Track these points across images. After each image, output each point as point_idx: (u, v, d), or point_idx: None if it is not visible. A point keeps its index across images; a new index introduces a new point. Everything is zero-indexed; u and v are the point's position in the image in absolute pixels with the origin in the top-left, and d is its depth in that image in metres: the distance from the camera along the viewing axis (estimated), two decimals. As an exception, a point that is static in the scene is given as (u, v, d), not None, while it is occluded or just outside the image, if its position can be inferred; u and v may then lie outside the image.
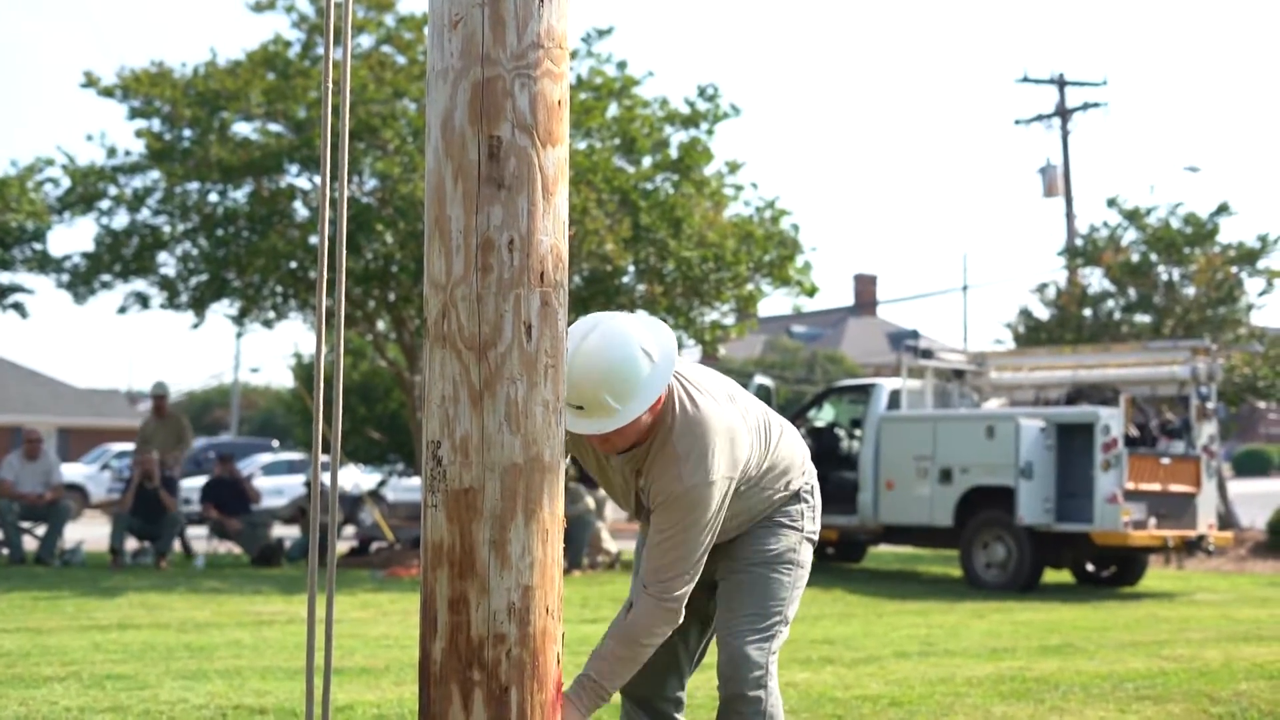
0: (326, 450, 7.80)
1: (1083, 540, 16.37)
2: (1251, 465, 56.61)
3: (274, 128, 19.30)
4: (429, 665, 3.18)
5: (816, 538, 4.48)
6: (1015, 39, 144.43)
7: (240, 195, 19.43)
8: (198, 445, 42.85)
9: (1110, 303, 27.85)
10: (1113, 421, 16.05)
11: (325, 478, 19.49)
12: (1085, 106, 34.07)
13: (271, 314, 21.32)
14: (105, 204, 19.80)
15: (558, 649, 3.20)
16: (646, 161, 19.71)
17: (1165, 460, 16.57)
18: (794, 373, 62.99)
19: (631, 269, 19.10)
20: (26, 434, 18.28)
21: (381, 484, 30.85)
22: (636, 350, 3.86)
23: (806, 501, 4.40)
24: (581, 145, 18.90)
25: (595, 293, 19.00)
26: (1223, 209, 27.15)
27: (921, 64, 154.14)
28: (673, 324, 20.44)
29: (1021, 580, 16.15)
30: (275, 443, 45.22)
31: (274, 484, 31.49)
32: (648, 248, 18.66)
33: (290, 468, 34.76)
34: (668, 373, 3.90)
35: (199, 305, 20.19)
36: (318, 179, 19.35)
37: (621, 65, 19.82)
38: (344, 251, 3.59)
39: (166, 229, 19.80)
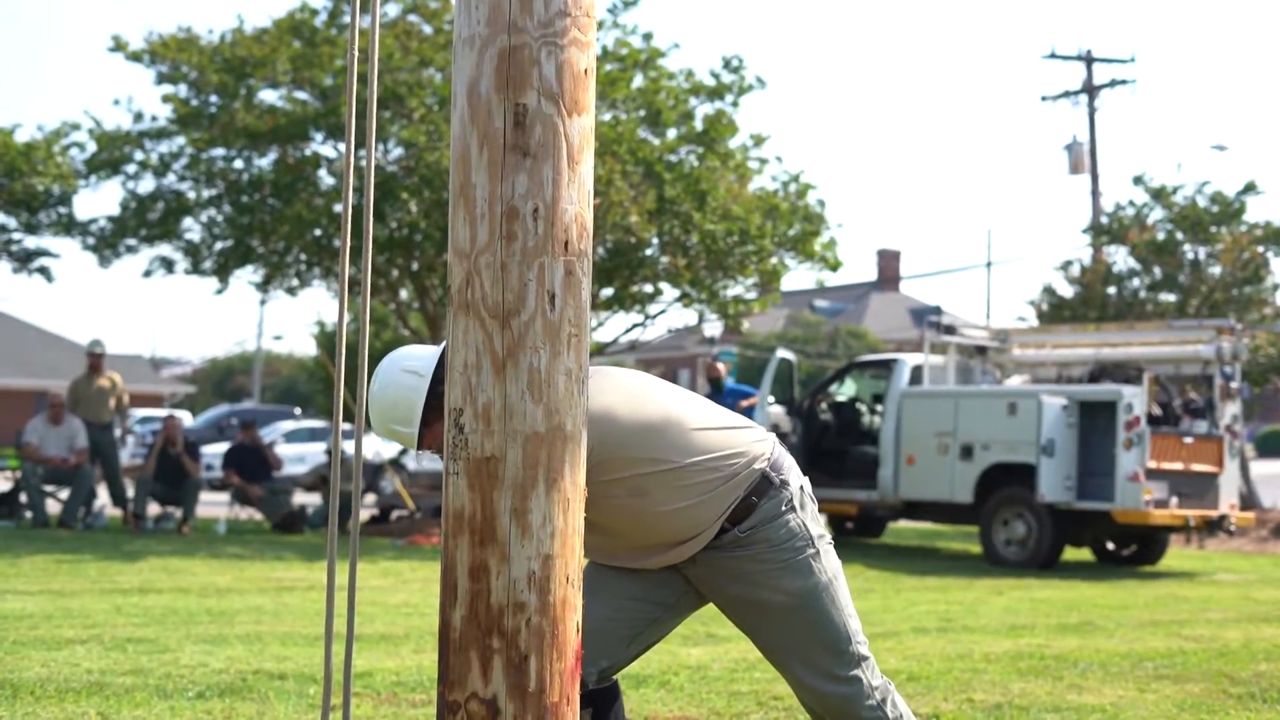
0: (349, 418, 7.83)
1: (1104, 518, 16.33)
2: (1274, 446, 56.45)
3: (300, 95, 19.33)
4: (449, 632, 3.18)
5: (828, 538, 4.18)
6: (1043, 14, 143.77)
7: (265, 162, 19.48)
8: (220, 411, 43.05)
9: (1135, 281, 27.79)
10: (1136, 400, 16.01)
11: (347, 446, 19.57)
12: (1113, 83, 33.92)
13: (295, 281, 21.39)
14: (131, 168, 19.86)
15: (578, 618, 3.20)
16: (671, 133, 19.70)
17: (1188, 440, 16.53)
18: (816, 347, 62.97)
19: (655, 241, 19.10)
20: (51, 398, 18.34)
21: (402, 453, 30.90)
22: (397, 374, 4.08)
23: (794, 509, 4.07)
24: (606, 117, 18.89)
25: (619, 265, 19.01)
26: (1250, 188, 27.07)
27: (948, 39, 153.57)
28: (695, 297, 20.47)
29: (1041, 558, 16.14)
30: (297, 410, 45.34)
31: (296, 451, 31.58)
32: (672, 220, 18.65)
33: (312, 435, 34.86)
34: (430, 374, 4.03)
35: (223, 271, 20.25)
36: (343, 147, 19.37)
37: (647, 37, 19.80)
38: (370, 220, 3.59)
39: (191, 194, 19.86)
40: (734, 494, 4.02)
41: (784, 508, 4.07)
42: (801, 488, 4.16)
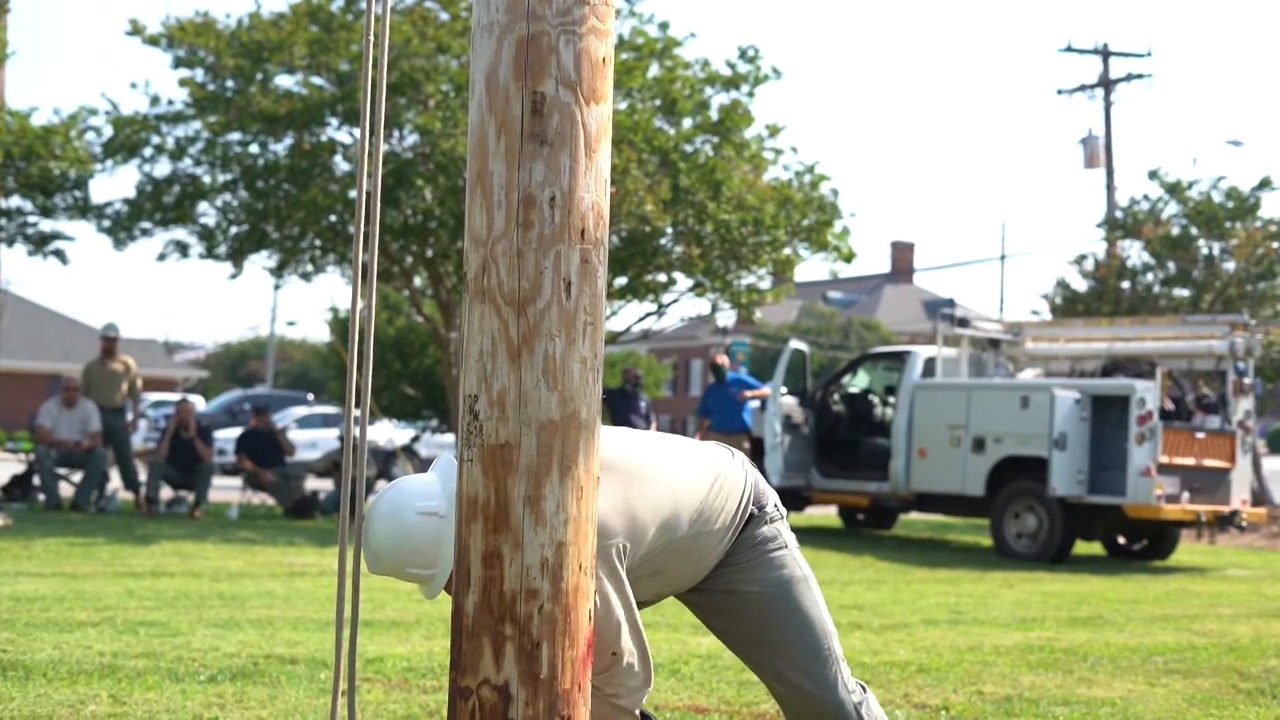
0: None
1: (1115, 513, 16.32)
2: (1287, 442, 56.29)
3: (316, 80, 19.33)
4: (461, 619, 3.20)
5: (796, 543, 4.22)
6: (1060, 8, 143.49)
7: (281, 147, 19.48)
8: (233, 396, 43.11)
9: (1149, 276, 27.74)
10: (1148, 394, 15.99)
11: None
12: (1129, 77, 33.84)
13: (309, 267, 21.40)
14: (147, 152, 19.88)
15: (590, 605, 3.21)
16: (687, 123, 19.69)
17: (1200, 435, 16.50)
18: (829, 339, 62.99)
19: (670, 230, 19.09)
20: (64, 382, 18.36)
21: (415, 439, 30.95)
22: (410, 516, 3.74)
23: (771, 520, 4.13)
24: (622, 105, 18.89)
25: (633, 253, 19.00)
26: (1265, 184, 27.01)
27: (965, 31, 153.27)
28: (709, 287, 20.46)
29: (1052, 551, 16.13)
30: (310, 396, 45.43)
31: (308, 437, 31.62)
32: (686, 209, 18.64)
33: (325, 421, 34.91)
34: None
35: (237, 256, 20.27)
36: (358, 132, 19.35)
37: (663, 26, 19.78)
38: (379, 207, 3.60)
39: (207, 179, 19.87)
40: (730, 539, 4.05)
41: (761, 524, 4.12)
42: (775, 505, 4.20)
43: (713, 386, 19.38)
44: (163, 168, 19.93)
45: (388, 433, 30.94)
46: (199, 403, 40.53)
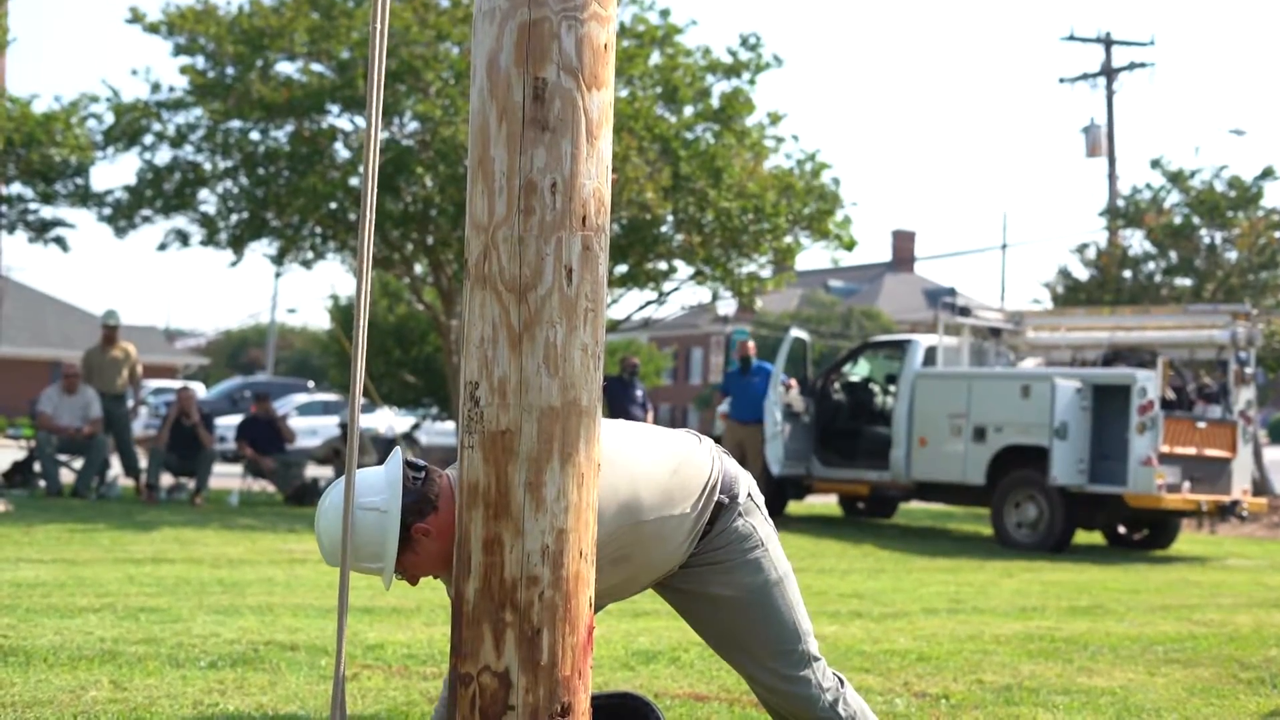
0: (364, 393, 7.82)
1: (1116, 502, 16.32)
2: (1288, 432, 56.24)
3: (317, 68, 19.30)
4: (462, 605, 3.19)
5: (775, 536, 4.20)
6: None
7: (281, 135, 19.45)
8: (234, 384, 43.09)
9: (1151, 265, 27.73)
10: (1149, 384, 15.98)
11: (362, 419, 19.56)
12: (1131, 66, 33.78)
13: (310, 254, 21.37)
14: (148, 139, 19.84)
15: (590, 592, 3.21)
16: (688, 111, 19.66)
17: (1201, 424, 16.50)
18: (830, 327, 62.93)
19: (670, 218, 19.07)
20: (65, 368, 18.34)
21: (415, 427, 30.93)
22: (355, 514, 3.72)
23: (741, 515, 4.08)
24: (623, 93, 18.86)
25: (634, 241, 18.98)
26: (1267, 173, 26.99)
27: (967, 20, 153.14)
28: (710, 275, 20.44)
29: (1053, 540, 16.13)
30: (311, 383, 45.41)
31: (309, 424, 31.61)
32: (687, 197, 18.62)
33: (325, 408, 34.92)
34: (398, 508, 3.69)
35: (238, 244, 20.24)
36: (359, 120, 19.35)
37: (665, 13, 19.75)
38: (375, 194, 3.59)
39: (207, 166, 19.83)
40: (699, 526, 4.01)
41: (734, 515, 4.08)
42: (749, 493, 4.15)
43: (735, 374, 19.34)
44: (163, 155, 19.91)
45: (389, 420, 30.94)
46: (200, 390, 40.56)
